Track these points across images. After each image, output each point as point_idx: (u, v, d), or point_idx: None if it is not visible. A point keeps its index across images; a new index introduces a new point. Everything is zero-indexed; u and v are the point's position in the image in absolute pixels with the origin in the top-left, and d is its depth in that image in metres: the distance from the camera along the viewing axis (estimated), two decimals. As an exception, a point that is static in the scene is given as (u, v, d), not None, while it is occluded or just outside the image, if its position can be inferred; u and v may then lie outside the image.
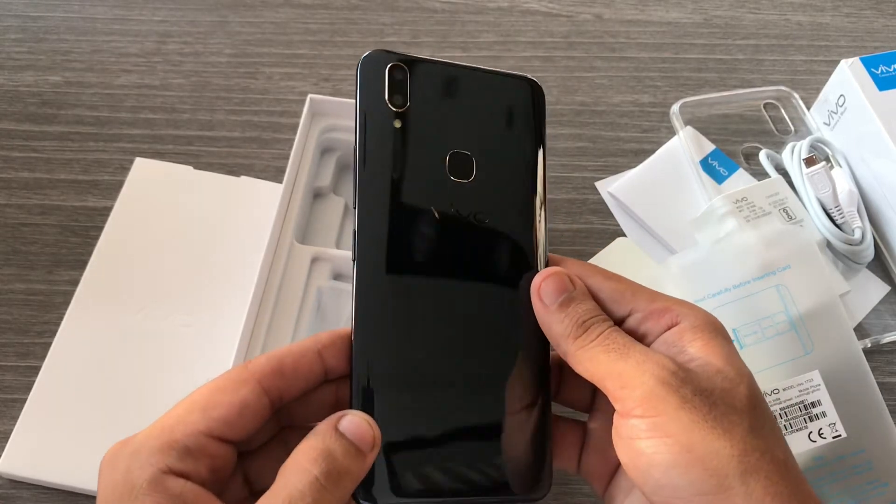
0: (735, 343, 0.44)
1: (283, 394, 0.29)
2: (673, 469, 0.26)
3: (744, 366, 0.29)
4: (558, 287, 0.30)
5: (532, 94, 0.33)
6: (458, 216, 0.31)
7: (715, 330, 0.29)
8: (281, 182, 0.49)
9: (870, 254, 0.50)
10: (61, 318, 0.47)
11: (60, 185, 0.53)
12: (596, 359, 0.29)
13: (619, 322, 0.31)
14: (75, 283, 0.49)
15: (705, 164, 0.52)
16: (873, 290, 0.50)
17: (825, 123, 0.54)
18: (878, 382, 0.44)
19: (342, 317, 0.48)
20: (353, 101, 0.31)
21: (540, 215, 0.32)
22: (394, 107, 0.31)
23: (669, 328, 0.29)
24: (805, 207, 0.50)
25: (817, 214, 0.49)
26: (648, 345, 0.30)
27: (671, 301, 0.30)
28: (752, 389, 0.28)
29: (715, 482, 0.26)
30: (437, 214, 0.30)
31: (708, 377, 0.27)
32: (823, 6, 0.63)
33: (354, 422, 0.27)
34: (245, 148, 0.55)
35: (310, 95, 0.51)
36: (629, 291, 0.31)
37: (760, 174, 0.53)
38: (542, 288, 0.30)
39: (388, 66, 0.31)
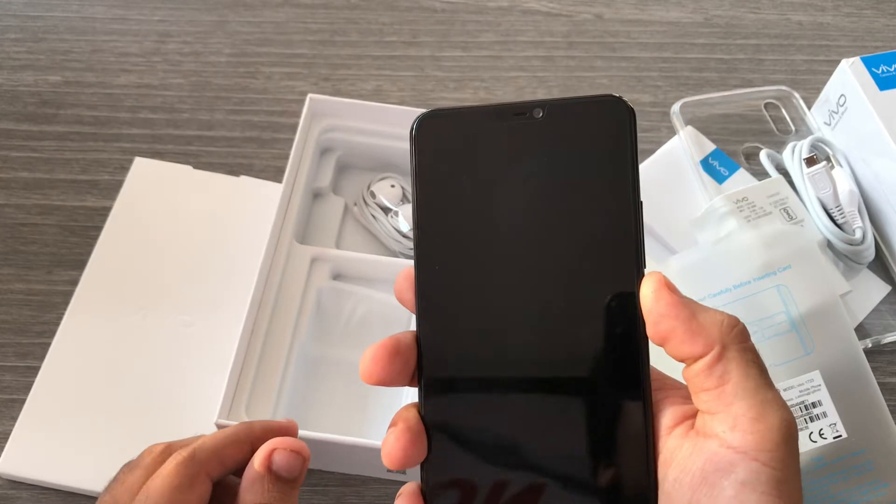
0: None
1: (219, 475, 0.34)
2: None
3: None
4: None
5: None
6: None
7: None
8: (280, 182, 0.49)
9: (870, 254, 0.50)
10: (61, 319, 0.47)
11: (60, 185, 0.53)
12: (749, 370, 0.26)
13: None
14: (75, 283, 0.48)
15: (706, 164, 0.52)
16: (874, 289, 0.50)
17: (826, 123, 0.54)
18: (878, 382, 0.44)
19: (341, 317, 0.48)
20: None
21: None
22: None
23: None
24: (806, 207, 0.50)
25: (818, 214, 0.49)
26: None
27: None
28: None
29: None
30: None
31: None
32: (824, 6, 0.63)
33: (286, 458, 0.32)
34: (245, 148, 0.55)
35: (309, 95, 0.51)
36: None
37: (761, 174, 0.52)
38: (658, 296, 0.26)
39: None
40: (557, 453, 0.27)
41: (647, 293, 0.27)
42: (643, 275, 0.27)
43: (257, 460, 0.33)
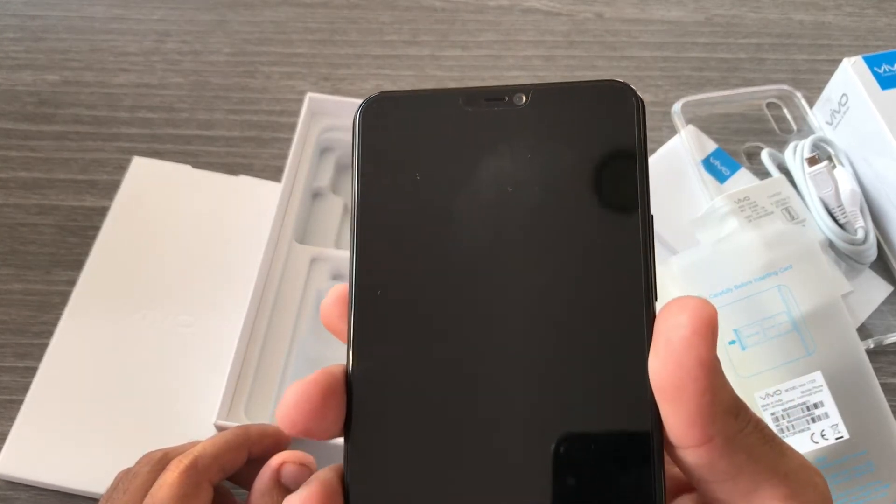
0: (737, 344, 0.44)
1: (218, 481, 0.35)
2: None
3: None
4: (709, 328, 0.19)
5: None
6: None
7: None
8: (280, 181, 0.49)
9: (872, 253, 0.49)
10: (59, 319, 0.47)
11: (58, 185, 0.53)
12: (754, 449, 0.20)
13: None
14: (73, 283, 0.48)
15: (707, 164, 0.52)
16: (876, 290, 0.49)
17: (827, 122, 0.54)
18: (880, 383, 0.43)
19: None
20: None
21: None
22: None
23: None
24: (807, 207, 0.50)
25: (820, 214, 0.49)
26: None
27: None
28: None
29: None
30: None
31: None
32: (826, 5, 0.63)
33: (294, 471, 0.33)
34: (244, 147, 0.55)
35: (309, 94, 0.51)
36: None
37: (762, 174, 0.52)
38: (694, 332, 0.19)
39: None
40: None
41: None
42: (653, 317, 0.20)
43: (267, 472, 0.33)
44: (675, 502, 0.22)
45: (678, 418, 0.20)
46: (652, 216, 0.21)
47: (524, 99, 0.21)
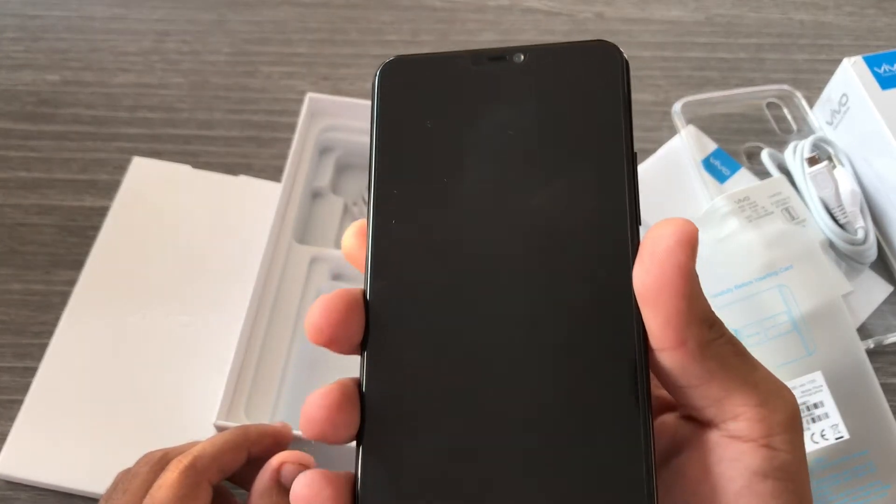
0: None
1: (218, 481, 0.35)
2: None
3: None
4: (690, 240, 0.22)
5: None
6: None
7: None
8: (280, 181, 0.49)
9: (872, 254, 0.49)
10: (59, 319, 0.47)
11: (58, 185, 0.53)
12: (726, 359, 0.22)
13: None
14: (73, 283, 0.48)
15: (707, 164, 0.52)
16: (876, 290, 0.49)
17: (828, 122, 0.54)
18: (881, 383, 0.43)
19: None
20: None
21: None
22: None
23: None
24: (807, 207, 0.50)
25: (820, 214, 0.49)
26: None
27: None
28: None
29: None
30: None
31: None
32: (826, 5, 0.63)
33: (294, 472, 0.33)
34: (244, 147, 0.55)
35: (309, 94, 0.51)
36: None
37: (763, 174, 0.52)
38: (677, 236, 0.21)
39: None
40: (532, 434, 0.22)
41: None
42: (638, 242, 0.23)
43: (267, 473, 0.33)
44: (660, 419, 0.25)
45: (657, 320, 0.21)
46: (636, 153, 0.23)
47: (522, 57, 0.24)
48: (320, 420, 0.22)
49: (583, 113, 0.24)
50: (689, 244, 0.22)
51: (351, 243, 0.24)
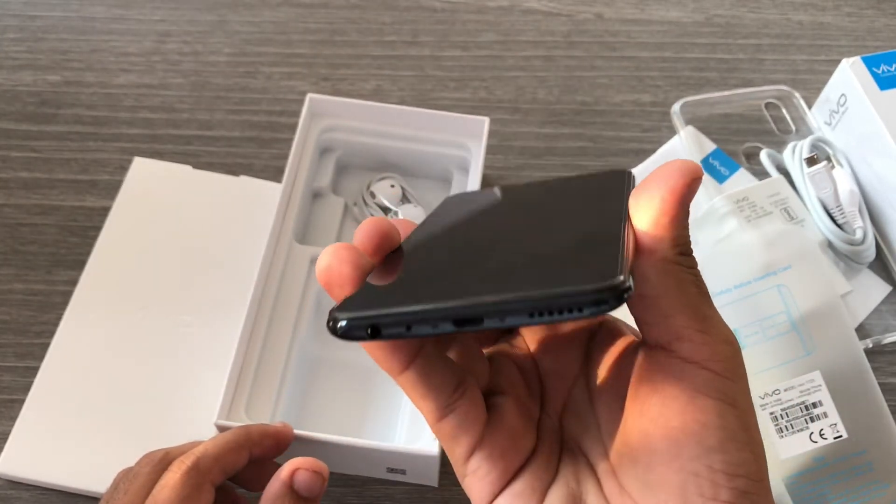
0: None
1: (220, 482, 0.35)
2: (731, 442, 0.23)
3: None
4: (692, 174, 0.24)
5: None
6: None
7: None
8: (280, 182, 0.49)
9: (871, 254, 0.50)
10: (60, 319, 0.47)
11: (59, 185, 0.53)
12: (685, 286, 0.24)
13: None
14: (74, 283, 0.48)
15: (706, 164, 0.52)
16: (875, 290, 0.50)
17: (826, 123, 0.54)
18: (879, 383, 0.44)
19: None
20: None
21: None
22: None
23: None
24: (806, 207, 0.50)
25: (818, 214, 0.49)
26: None
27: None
28: None
29: (756, 468, 0.24)
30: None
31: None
32: (824, 5, 0.63)
33: (307, 478, 0.33)
34: (244, 147, 0.55)
35: (309, 95, 0.51)
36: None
37: (761, 174, 0.52)
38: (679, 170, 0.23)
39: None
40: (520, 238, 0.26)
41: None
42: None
43: (280, 478, 0.34)
44: (623, 352, 0.27)
45: (640, 219, 0.24)
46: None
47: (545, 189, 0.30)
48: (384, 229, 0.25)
49: (585, 204, 0.28)
50: (693, 173, 0.24)
51: (328, 262, 0.24)
